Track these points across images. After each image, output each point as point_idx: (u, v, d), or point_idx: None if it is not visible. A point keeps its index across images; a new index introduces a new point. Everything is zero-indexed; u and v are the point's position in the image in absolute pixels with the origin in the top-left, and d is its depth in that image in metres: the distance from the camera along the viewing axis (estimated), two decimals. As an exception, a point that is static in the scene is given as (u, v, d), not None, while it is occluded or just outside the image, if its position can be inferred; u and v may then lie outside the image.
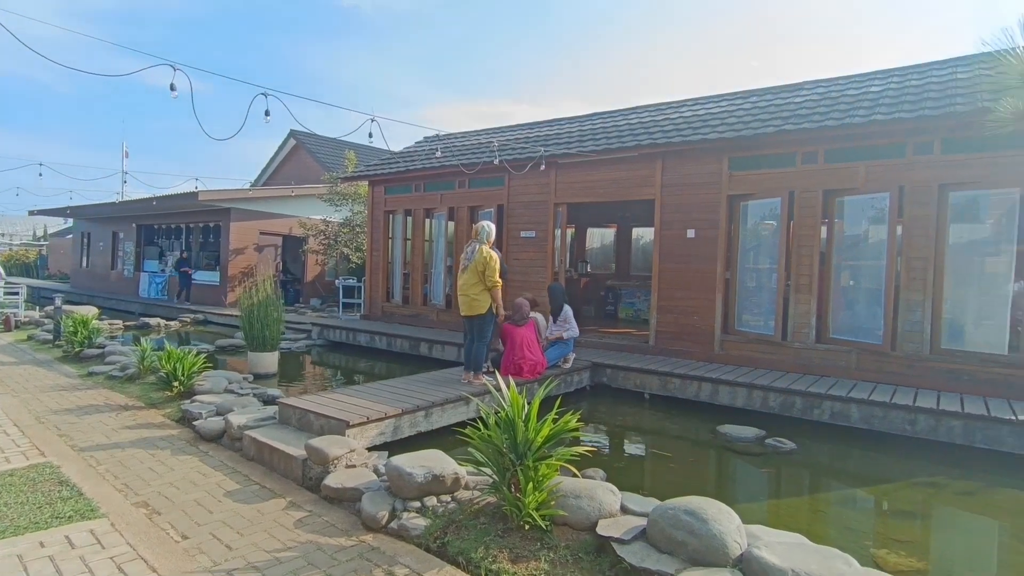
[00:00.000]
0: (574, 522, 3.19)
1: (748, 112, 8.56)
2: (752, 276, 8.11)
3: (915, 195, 6.61)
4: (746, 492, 4.89)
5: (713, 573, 2.66)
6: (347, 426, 4.61)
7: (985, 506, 4.48)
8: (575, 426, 3.47)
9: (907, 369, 6.51)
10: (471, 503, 3.47)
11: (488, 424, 3.41)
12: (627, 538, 2.94)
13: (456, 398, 5.59)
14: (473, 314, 6.12)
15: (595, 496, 3.25)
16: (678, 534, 2.82)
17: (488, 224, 6.27)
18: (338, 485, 3.75)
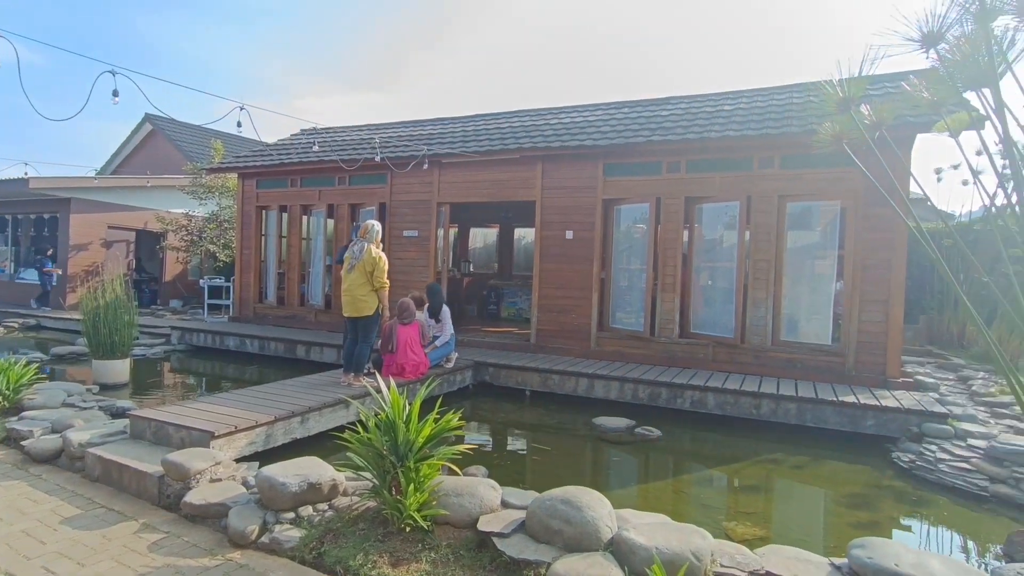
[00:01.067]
0: (456, 520, 3.22)
1: (621, 122, 9.11)
2: (625, 276, 8.65)
3: (760, 204, 7.42)
4: (619, 479, 5.22)
5: (587, 557, 2.82)
6: (212, 437, 4.29)
7: (813, 477, 5.16)
8: (457, 425, 3.50)
9: (754, 359, 7.30)
10: (350, 509, 3.38)
11: (368, 427, 3.35)
12: (507, 531, 3.03)
13: (335, 402, 5.40)
14: (359, 315, 5.95)
15: (476, 493, 3.31)
16: (555, 523, 2.96)
17: (376, 223, 6.14)
18: (201, 501, 3.49)
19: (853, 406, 5.74)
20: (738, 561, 2.85)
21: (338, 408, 5.44)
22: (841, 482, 4.95)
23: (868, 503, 4.45)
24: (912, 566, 2.56)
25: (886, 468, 5.05)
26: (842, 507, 4.49)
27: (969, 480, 4.45)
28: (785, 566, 2.81)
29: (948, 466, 4.63)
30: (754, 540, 3.69)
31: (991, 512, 4.17)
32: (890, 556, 2.64)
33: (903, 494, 4.56)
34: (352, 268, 5.95)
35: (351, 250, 6.05)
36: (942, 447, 4.93)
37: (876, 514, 4.27)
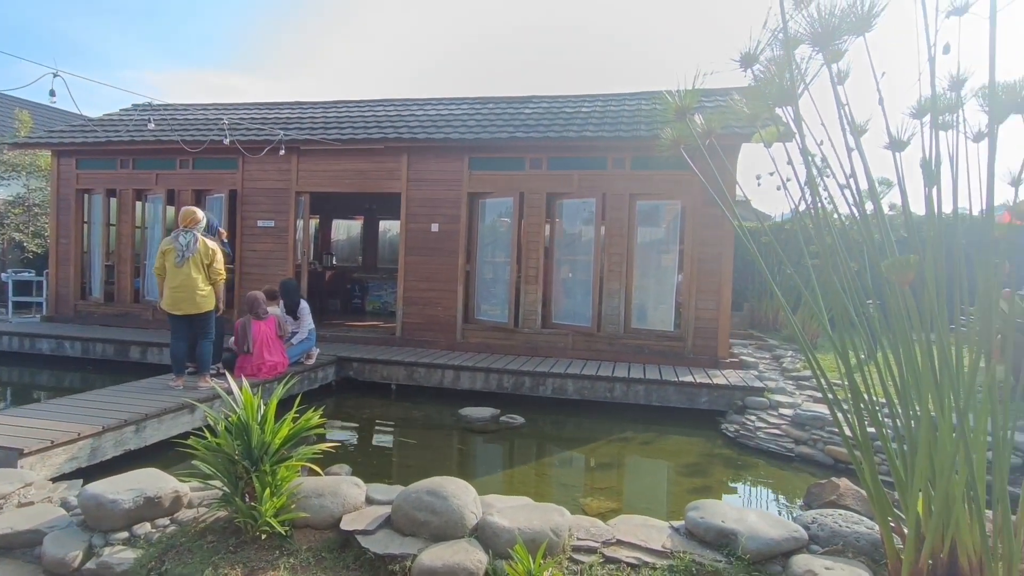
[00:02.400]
0: (317, 522, 3.11)
1: (486, 117, 9.25)
2: (490, 269, 8.83)
3: (614, 201, 7.96)
4: (485, 466, 5.35)
5: (453, 545, 2.87)
6: (20, 455, 3.71)
7: (658, 451, 5.69)
8: (318, 423, 3.37)
9: (608, 346, 7.85)
10: (197, 522, 3.12)
11: (218, 432, 3.11)
12: (371, 528, 2.98)
13: (177, 407, 4.92)
14: (199, 312, 5.43)
15: (339, 492, 3.21)
16: (421, 515, 2.97)
17: (201, 211, 5.60)
18: (7, 530, 3.01)
19: (691, 385, 6.42)
20: (592, 533, 3.06)
21: (181, 414, 4.96)
22: (681, 453, 5.51)
23: (703, 470, 5.01)
24: (735, 521, 2.94)
25: (717, 438, 5.71)
26: (682, 475, 5.00)
27: (780, 443, 5.19)
28: (633, 533, 3.08)
29: (764, 433, 5.37)
30: (608, 513, 3.99)
31: (796, 469, 4.91)
32: (718, 515, 3.00)
33: (730, 460, 5.20)
34: (184, 261, 5.36)
35: (176, 242, 5.42)
36: (760, 417, 5.69)
37: (709, 479, 4.82)
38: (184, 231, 5.43)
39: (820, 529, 2.94)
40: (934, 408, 2.21)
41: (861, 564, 2.71)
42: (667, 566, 2.79)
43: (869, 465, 2.37)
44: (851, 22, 1.81)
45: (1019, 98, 2.01)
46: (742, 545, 2.78)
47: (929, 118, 2.18)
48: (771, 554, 2.79)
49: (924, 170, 2.29)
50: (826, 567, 2.63)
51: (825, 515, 3.04)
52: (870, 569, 2.66)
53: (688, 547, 2.91)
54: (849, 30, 1.85)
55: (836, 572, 2.59)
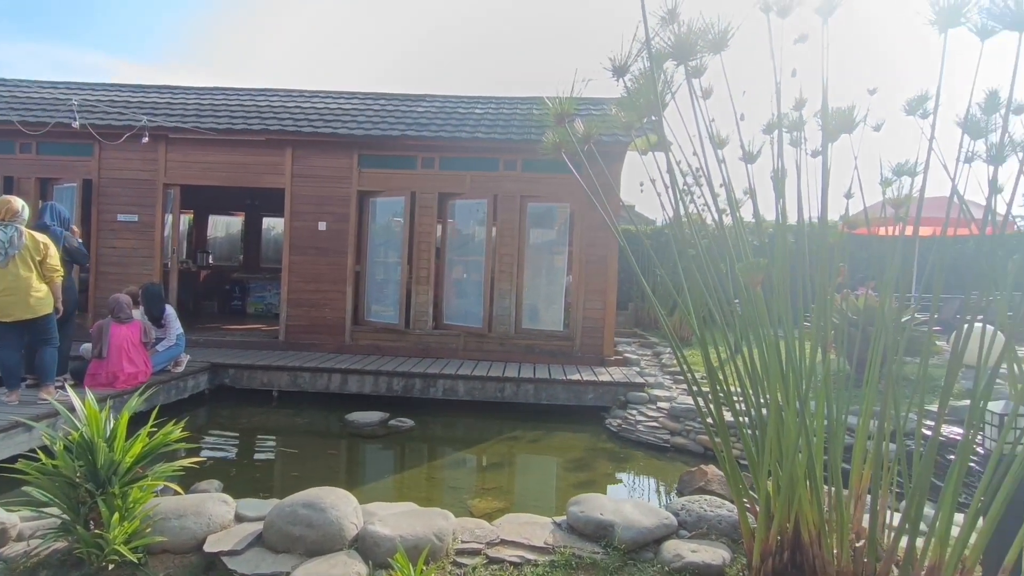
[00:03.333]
0: (177, 545, 2.84)
1: (377, 113, 9.00)
2: (381, 269, 8.60)
3: (505, 203, 8.06)
4: (373, 473, 5.19)
5: (330, 559, 2.73)
6: None
7: (546, 448, 5.82)
8: (180, 436, 3.08)
9: (499, 347, 7.93)
10: (28, 557, 2.74)
11: (56, 452, 2.74)
12: (239, 548, 2.78)
13: (8, 425, 4.30)
14: (35, 316, 4.74)
15: (203, 511, 2.96)
16: (296, 529, 2.81)
17: (22, 202, 4.83)
18: None
19: (578, 383, 6.64)
20: (477, 535, 3.06)
21: (14, 433, 4.34)
22: (568, 449, 5.68)
23: (587, 465, 5.19)
24: (612, 513, 3.06)
25: (601, 433, 5.95)
26: (568, 471, 5.15)
27: (657, 436, 5.50)
28: (517, 532, 3.11)
29: (643, 426, 5.67)
30: (495, 512, 4.01)
31: (671, 459, 5.22)
32: (596, 508, 3.11)
33: (613, 453, 5.43)
34: (8, 259, 4.59)
35: None
36: (640, 411, 6.01)
37: (593, 473, 5.01)
38: (3, 225, 4.64)
39: (688, 515, 3.14)
40: (781, 397, 2.43)
41: (723, 544, 2.92)
42: (548, 562, 2.84)
43: (726, 450, 2.56)
44: (708, 40, 1.94)
45: (849, 121, 2.26)
46: (618, 536, 2.90)
47: (776, 135, 2.40)
48: (644, 542, 2.93)
49: (774, 182, 2.51)
50: (692, 550, 2.81)
51: (692, 501, 3.25)
52: (730, 548, 2.88)
53: (569, 541, 2.99)
54: (706, 48, 1.98)
55: (700, 554, 2.78)
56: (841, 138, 2.41)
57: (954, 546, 2.22)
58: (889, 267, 2.75)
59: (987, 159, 2.03)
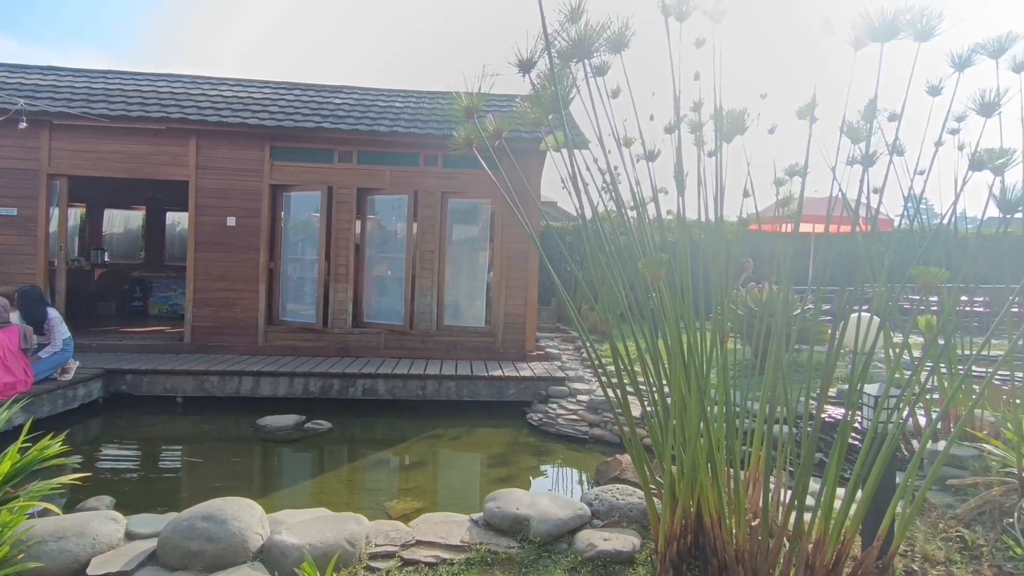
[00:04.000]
0: (55, 571, 2.59)
1: (291, 104, 8.62)
2: (297, 266, 8.26)
3: (426, 199, 7.95)
4: (287, 479, 4.98)
5: (231, 573, 2.59)
6: None
7: (468, 444, 5.80)
8: (57, 451, 2.82)
9: (421, 344, 7.83)
10: None
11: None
12: (129, 568, 2.58)
13: None
14: None
15: (87, 531, 2.72)
16: (194, 544, 2.64)
17: None
18: None
19: (500, 379, 6.67)
20: (392, 537, 2.99)
21: None
22: (489, 445, 5.69)
23: (509, 460, 5.22)
24: (528, 507, 3.09)
25: (522, 428, 6.00)
26: (489, 467, 5.16)
27: (577, 428, 5.62)
28: (434, 531, 3.07)
29: (564, 419, 5.77)
30: (413, 513, 3.94)
31: (590, 450, 5.35)
32: (513, 503, 3.13)
33: (534, 447, 5.49)
34: None
35: None
36: (561, 405, 6.12)
37: (514, 468, 5.04)
38: None
39: (601, 504, 3.22)
40: (684, 386, 2.53)
41: (633, 531, 3.02)
42: (464, 560, 2.82)
43: (633, 438, 2.64)
44: (607, 39, 1.98)
45: (741, 124, 2.38)
46: (533, 529, 2.93)
47: (676, 135, 2.49)
48: (559, 534, 2.98)
49: (676, 180, 2.60)
50: (604, 538, 2.88)
51: (605, 491, 3.34)
52: (640, 534, 2.98)
53: (485, 538, 2.99)
54: (605, 47, 2.02)
55: (612, 542, 2.85)
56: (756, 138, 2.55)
57: (836, 518, 2.40)
58: (782, 262, 2.92)
59: (860, 162, 2.19)
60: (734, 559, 2.49)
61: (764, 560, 2.49)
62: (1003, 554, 2.52)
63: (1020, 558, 2.48)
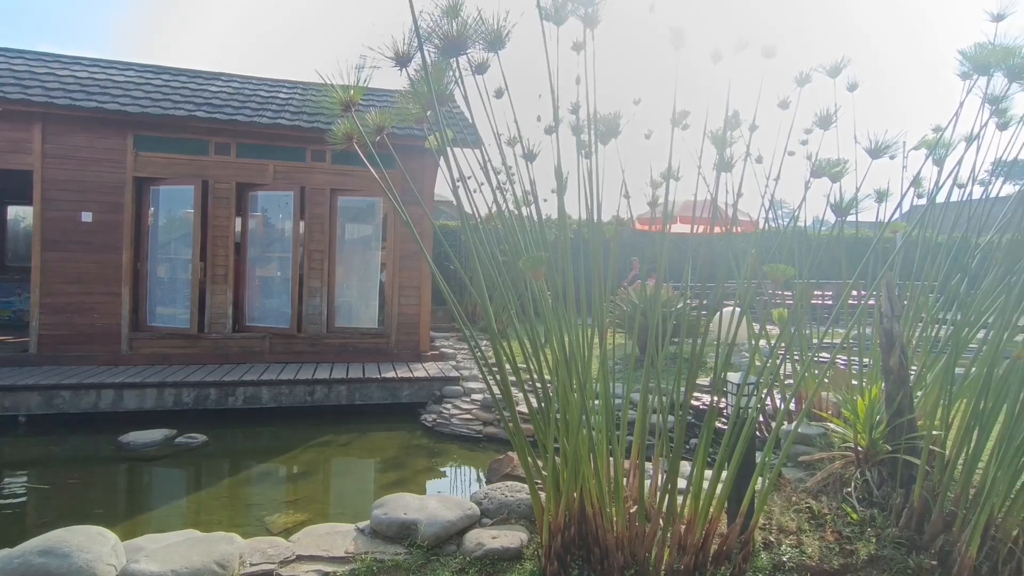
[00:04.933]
0: None
1: (159, 89, 7.88)
2: (167, 267, 7.58)
3: (314, 196, 7.59)
4: (151, 501, 4.54)
5: (76, 611, 2.31)
6: None
7: (359, 450, 5.61)
8: None
9: (311, 348, 7.47)
10: None
11: None
12: (-57, 618, 2.22)
13: None
14: None
15: None
16: (29, 583, 2.32)
17: None
18: None
19: (393, 381, 6.51)
20: (269, 555, 2.81)
21: None
22: (382, 449, 5.54)
23: (402, 463, 5.11)
24: (416, 511, 3.03)
25: (416, 430, 5.90)
26: (381, 472, 5.02)
27: (471, 427, 5.62)
28: (316, 544, 2.93)
29: (458, 419, 5.75)
30: (296, 526, 3.74)
31: (484, 448, 5.37)
32: (400, 507, 3.05)
33: (428, 449, 5.42)
34: None
35: None
36: (455, 404, 6.09)
37: (407, 472, 4.94)
38: None
39: (490, 503, 3.23)
40: (566, 379, 2.60)
41: (522, 527, 3.05)
42: (348, 572, 2.72)
43: (517, 435, 2.67)
44: (483, 36, 1.97)
45: (615, 127, 2.47)
46: (421, 533, 2.87)
47: (554, 136, 2.54)
48: (448, 536, 2.94)
49: (556, 180, 2.66)
50: (493, 536, 2.89)
51: (495, 489, 3.36)
52: (529, 530, 3.02)
53: (372, 546, 2.89)
54: (483, 44, 2.02)
55: (500, 539, 2.86)
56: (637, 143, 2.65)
57: (704, 499, 2.57)
58: (660, 260, 3.08)
59: (717, 167, 2.36)
60: (614, 546, 2.59)
61: (641, 544, 2.61)
62: (842, 520, 2.83)
63: (856, 523, 2.79)
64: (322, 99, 2.55)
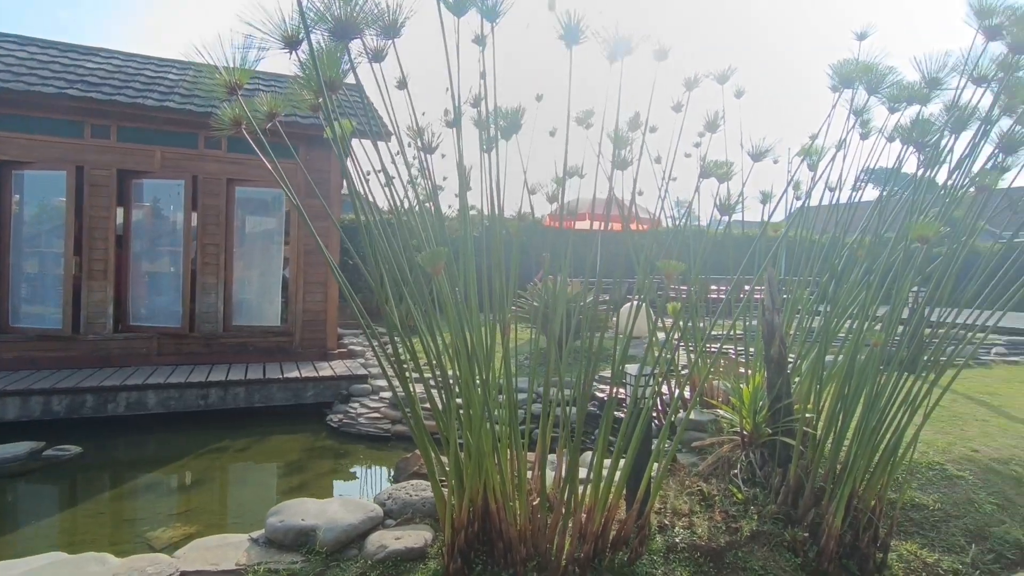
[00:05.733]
0: None
1: (23, 62, 7.05)
2: (35, 261, 6.81)
3: (208, 186, 7.10)
4: (16, 521, 4.06)
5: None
6: None
7: (258, 455, 5.31)
8: None
9: (205, 348, 6.99)
10: None
11: None
12: None
13: None
14: None
15: None
16: None
17: None
18: None
19: (296, 381, 6.23)
20: (149, 573, 2.60)
21: None
22: (283, 453, 5.28)
23: (304, 467, 4.90)
24: (315, 516, 2.91)
25: (321, 431, 5.68)
26: (281, 477, 4.79)
27: (379, 426, 5.48)
28: (204, 558, 2.74)
29: (365, 419, 5.60)
30: (183, 540, 3.48)
31: (393, 448, 5.26)
32: (298, 513, 2.92)
33: (333, 451, 5.23)
34: None
35: None
36: (362, 403, 5.92)
37: (310, 475, 4.74)
38: None
39: (394, 503, 3.16)
40: (468, 374, 2.58)
41: (427, 526, 3.01)
42: (239, 584, 2.56)
43: (418, 427, 2.62)
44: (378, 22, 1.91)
45: (516, 123, 2.48)
46: (319, 539, 2.76)
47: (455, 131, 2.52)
48: (348, 540, 2.85)
49: (459, 174, 2.63)
50: (396, 537, 2.83)
51: (399, 488, 3.29)
52: (434, 528, 2.98)
53: (266, 556, 2.75)
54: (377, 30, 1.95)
55: (404, 540, 2.81)
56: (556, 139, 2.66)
57: (603, 487, 2.64)
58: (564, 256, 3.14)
59: (614, 165, 2.43)
60: (517, 539, 2.61)
61: (543, 536, 2.65)
62: (729, 500, 3.02)
63: (741, 502, 2.99)
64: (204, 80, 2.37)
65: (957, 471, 3.45)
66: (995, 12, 2.30)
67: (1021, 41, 2.27)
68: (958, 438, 3.96)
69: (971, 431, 4.15)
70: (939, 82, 2.55)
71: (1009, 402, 5.18)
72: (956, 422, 4.37)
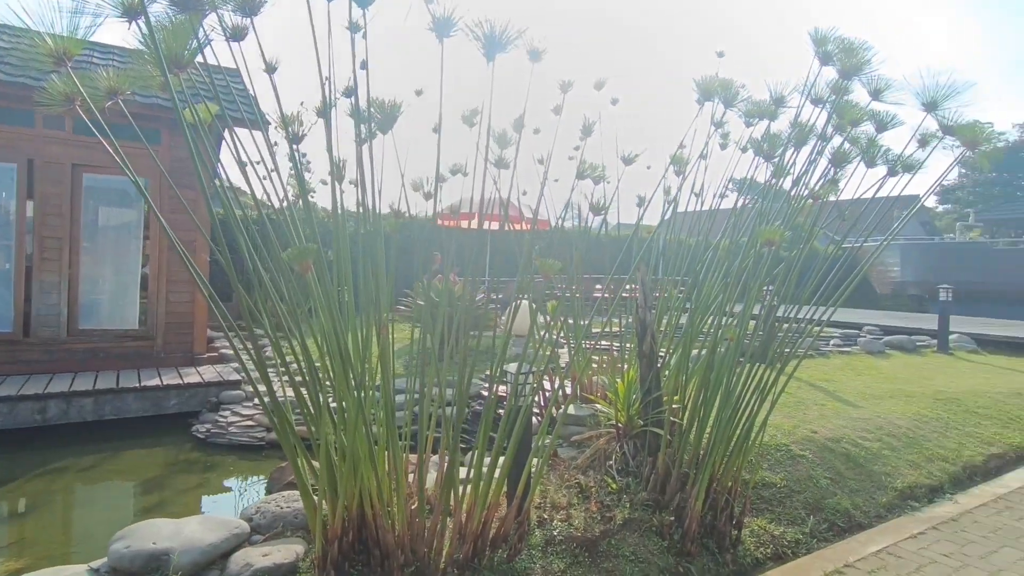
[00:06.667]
0: None
1: None
2: None
3: (48, 172, 6.25)
4: None
5: None
6: None
7: (106, 474, 4.74)
8: None
9: (45, 355, 6.15)
10: None
11: None
12: None
13: None
14: None
15: None
16: None
17: None
18: None
19: (156, 389, 5.65)
20: (-46, 619, 2.22)
21: None
22: (138, 470, 4.77)
23: (163, 484, 4.46)
24: (169, 538, 2.64)
25: (185, 443, 5.20)
26: (137, 496, 4.32)
27: (252, 435, 5.12)
28: (30, 595, 2.39)
29: (236, 427, 5.20)
30: (12, 575, 3.04)
31: (267, 457, 4.93)
32: (148, 536, 2.64)
33: (200, 464, 4.81)
34: None
35: None
36: (234, 411, 5.50)
37: (170, 492, 4.32)
38: None
39: (263, 517, 2.95)
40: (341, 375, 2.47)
41: (299, 539, 2.84)
42: (72, 622, 2.26)
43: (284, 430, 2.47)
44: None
45: (392, 117, 2.41)
46: (174, 563, 2.51)
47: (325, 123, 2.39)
48: (208, 562, 2.62)
49: (331, 168, 2.51)
50: (264, 554, 2.64)
51: (269, 500, 3.08)
52: (307, 541, 2.82)
53: (109, 587, 2.45)
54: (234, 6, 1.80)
55: (272, 556, 2.63)
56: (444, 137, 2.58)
57: (483, 485, 2.64)
58: (448, 255, 3.10)
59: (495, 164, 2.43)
60: (394, 545, 2.53)
61: (422, 540, 2.60)
62: (604, 490, 3.14)
63: (615, 492, 3.12)
64: (24, 47, 2.04)
65: (800, 451, 3.84)
66: (828, 40, 2.58)
67: (848, 67, 2.57)
68: (801, 421, 4.42)
69: (811, 414, 4.65)
70: (783, 100, 2.81)
71: (842, 387, 5.88)
72: (799, 407, 4.88)
